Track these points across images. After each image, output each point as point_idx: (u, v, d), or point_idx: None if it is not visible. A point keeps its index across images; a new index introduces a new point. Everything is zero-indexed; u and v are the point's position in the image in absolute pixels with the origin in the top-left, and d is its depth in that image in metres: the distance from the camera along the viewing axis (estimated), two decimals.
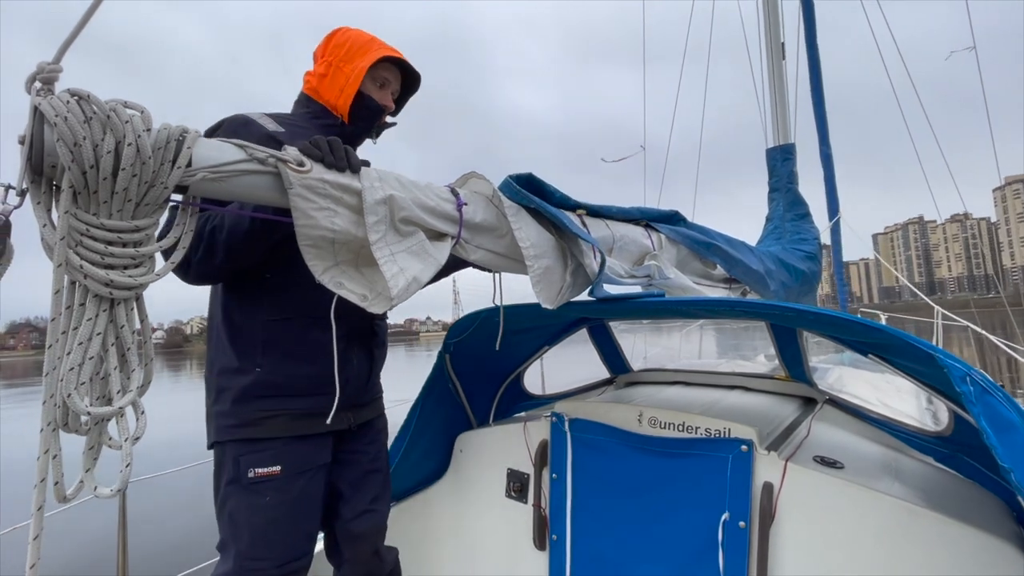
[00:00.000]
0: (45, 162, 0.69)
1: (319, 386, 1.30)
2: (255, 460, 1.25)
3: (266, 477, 1.25)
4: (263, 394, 1.27)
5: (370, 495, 1.48)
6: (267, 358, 1.27)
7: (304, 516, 1.31)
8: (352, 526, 1.43)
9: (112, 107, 0.71)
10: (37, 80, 0.68)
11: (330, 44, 1.43)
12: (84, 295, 0.74)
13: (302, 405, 1.30)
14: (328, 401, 1.29)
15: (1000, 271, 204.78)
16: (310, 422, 1.31)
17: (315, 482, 1.33)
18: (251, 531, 1.24)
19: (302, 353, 1.30)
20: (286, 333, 1.29)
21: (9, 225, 0.68)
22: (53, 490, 0.70)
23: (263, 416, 1.26)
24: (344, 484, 1.44)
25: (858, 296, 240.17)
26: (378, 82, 1.46)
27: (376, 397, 1.55)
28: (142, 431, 0.79)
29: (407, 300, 1.02)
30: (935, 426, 1.68)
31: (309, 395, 1.30)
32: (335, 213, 0.95)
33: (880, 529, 1.24)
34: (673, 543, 1.50)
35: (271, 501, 1.25)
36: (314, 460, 1.32)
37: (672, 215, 1.84)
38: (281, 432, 1.27)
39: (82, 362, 0.72)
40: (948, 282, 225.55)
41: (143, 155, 0.73)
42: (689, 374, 2.48)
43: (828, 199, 3.93)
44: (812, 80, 3.77)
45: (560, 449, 1.74)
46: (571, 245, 1.32)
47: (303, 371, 1.30)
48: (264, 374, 1.27)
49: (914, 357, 1.14)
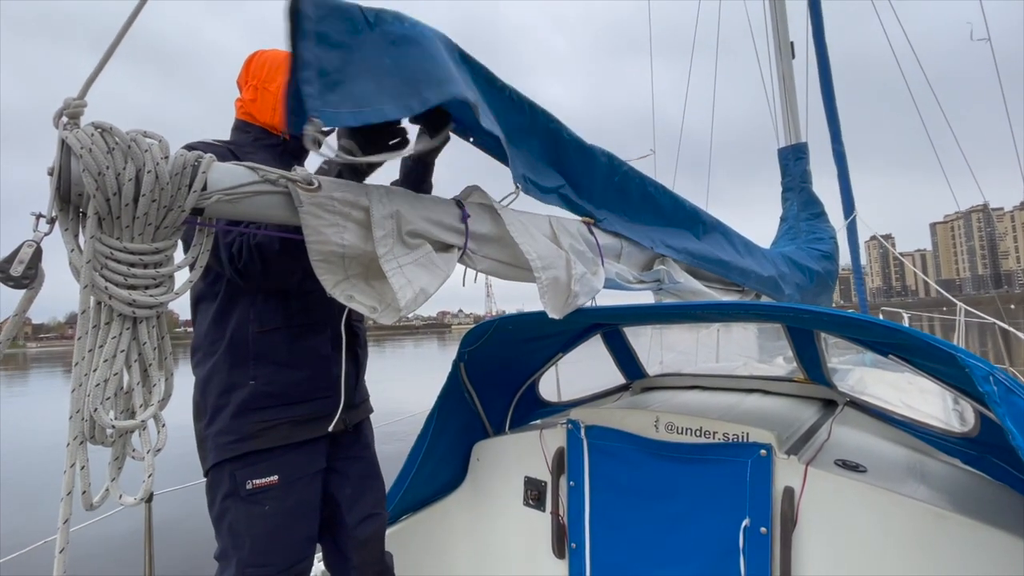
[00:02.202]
0: (72, 191, 0.74)
1: (315, 391, 1.34)
2: (252, 472, 1.26)
3: (264, 487, 1.26)
4: (261, 405, 1.28)
5: (371, 500, 1.50)
6: (260, 370, 1.29)
7: (304, 521, 1.33)
8: (357, 532, 1.44)
9: (132, 137, 0.76)
10: (64, 115, 0.73)
11: (251, 68, 1.46)
12: (109, 314, 0.79)
13: (301, 412, 1.32)
14: (326, 405, 1.33)
15: None
16: (311, 427, 1.33)
17: (312, 487, 1.35)
18: (252, 539, 1.26)
19: (293, 361, 1.32)
20: (275, 343, 1.31)
21: (40, 251, 0.73)
22: (80, 499, 0.74)
23: (264, 427, 1.28)
24: (344, 492, 1.45)
25: (913, 291, 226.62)
26: None
27: (365, 399, 1.57)
28: (163, 443, 0.82)
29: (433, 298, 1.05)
30: (961, 427, 1.63)
31: (306, 401, 1.33)
32: (344, 228, 0.98)
33: (905, 534, 1.21)
34: (693, 550, 1.49)
35: (270, 510, 1.26)
36: (310, 467, 1.35)
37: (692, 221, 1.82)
38: (282, 441, 1.29)
39: (107, 378, 0.76)
40: (1016, 274, 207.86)
41: (162, 181, 0.78)
42: (706, 378, 2.45)
43: (843, 197, 3.86)
44: (822, 78, 3.73)
45: (577, 456, 1.74)
46: (576, 254, 1.33)
47: (296, 378, 1.32)
48: (260, 385, 1.28)
49: (935, 357, 1.12)
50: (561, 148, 1.34)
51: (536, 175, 1.27)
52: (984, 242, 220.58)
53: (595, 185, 1.45)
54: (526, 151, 1.25)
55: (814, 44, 3.72)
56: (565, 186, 1.36)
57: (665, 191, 1.68)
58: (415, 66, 0.91)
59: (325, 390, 1.36)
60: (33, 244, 0.72)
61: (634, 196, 1.58)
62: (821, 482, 1.33)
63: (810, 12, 3.70)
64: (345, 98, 0.81)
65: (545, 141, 1.29)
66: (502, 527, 1.96)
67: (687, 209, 1.79)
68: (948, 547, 1.16)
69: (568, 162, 1.36)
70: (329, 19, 0.81)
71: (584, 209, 1.43)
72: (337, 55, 0.82)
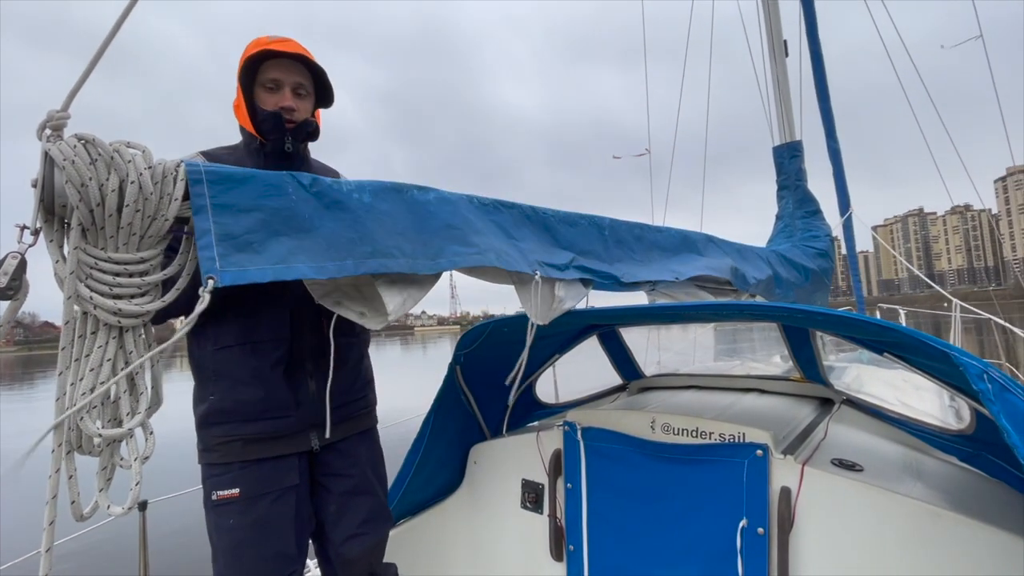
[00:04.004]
0: (56, 202, 0.74)
1: (268, 410, 1.30)
2: (217, 483, 1.28)
3: (227, 500, 1.26)
4: (217, 421, 1.28)
5: (358, 518, 1.43)
6: (217, 385, 1.29)
7: (273, 538, 1.28)
8: (343, 550, 1.41)
9: (116, 148, 0.76)
10: (47, 127, 0.73)
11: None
12: (95, 324, 0.79)
13: (253, 430, 1.29)
14: (282, 424, 1.30)
15: (1001, 263, 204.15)
16: (264, 446, 1.30)
17: (281, 504, 1.30)
18: (223, 553, 1.27)
19: (247, 379, 1.29)
20: (231, 361, 1.29)
21: (25, 263, 0.73)
22: (70, 509, 0.74)
23: (220, 442, 1.28)
24: (328, 508, 1.42)
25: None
26: (267, 87, 1.35)
27: (352, 416, 1.47)
28: (151, 450, 0.82)
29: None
30: (957, 424, 1.63)
31: (259, 419, 1.29)
32: None
33: (902, 533, 1.21)
34: (691, 551, 1.48)
35: (234, 524, 1.26)
36: (276, 483, 1.30)
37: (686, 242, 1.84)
38: (237, 457, 1.28)
39: (94, 387, 0.76)
40: (948, 275, 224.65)
41: (145, 191, 0.78)
42: (702, 378, 2.45)
43: (838, 194, 3.86)
44: (816, 76, 3.73)
45: (574, 458, 1.74)
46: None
47: (249, 396, 1.29)
48: (216, 401, 1.28)
49: (929, 355, 1.12)
50: (562, 229, 1.41)
51: (549, 257, 1.33)
52: (919, 244, 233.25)
53: (595, 248, 1.48)
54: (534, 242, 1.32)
55: (808, 42, 3.72)
56: (576, 258, 1.40)
57: (650, 227, 1.73)
58: (348, 232, 0.95)
59: (283, 409, 1.31)
60: (17, 255, 0.72)
61: (630, 241, 1.62)
62: (818, 482, 1.33)
63: (803, 10, 3.70)
64: (254, 257, 0.85)
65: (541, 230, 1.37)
66: (500, 530, 1.95)
67: (675, 236, 1.84)
68: (945, 545, 1.16)
69: (569, 240, 1.42)
70: (235, 190, 0.86)
71: (600, 272, 1.44)
72: (247, 219, 0.86)
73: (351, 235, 0.94)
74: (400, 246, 0.99)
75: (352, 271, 0.92)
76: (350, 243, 0.93)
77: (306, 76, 1.38)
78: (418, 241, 1.03)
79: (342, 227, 0.93)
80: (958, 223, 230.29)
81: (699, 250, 1.87)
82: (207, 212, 0.82)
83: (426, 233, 1.04)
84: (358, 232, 0.94)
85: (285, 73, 1.35)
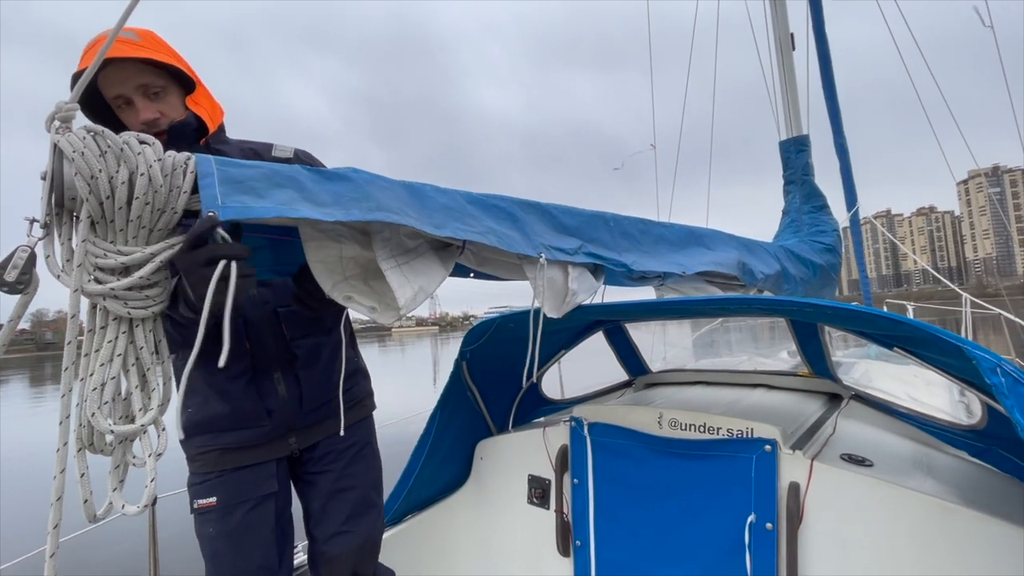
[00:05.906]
0: (65, 195, 0.73)
1: (238, 422, 1.29)
2: (197, 491, 1.29)
3: (206, 508, 1.27)
4: (195, 432, 1.29)
5: (341, 515, 1.39)
6: (193, 399, 1.29)
7: (251, 547, 1.27)
8: (325, 548, 1.38)
9: (125, 140, 0.75)
10: (56, 119, 0.73)
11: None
12: (105, 318, 0.78)
13: (228, 440, 1.29)
14: (255, 434, 1.30)
15: (964, 263, 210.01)
16: (241, 454, 1.30)
17: (259, 513, 1.29)
18: (206, 562, 1.28)
19: (212, 395, 1.29)
20: (196, 378, 1.28)
21: (35, 256, 0.72)
22: (83, 509, 0.74)
23: (199, 452, 1.29)
24: (312, 505, 1.41)
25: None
26: (118, 105, 1.18)
27: (335, 414, 1.36)
28: (164, 447, 0.82)
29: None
30: (968, 419, 1.62)
31: (233, 429, 1.29)
32: (342, 231, 0.98)
33: (913, 528, 1.20)
34: (699, 547, 1.48)
35: (213, 532, 1.26)
36: (253, 491, 1.29)
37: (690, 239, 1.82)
38: (214, 467, 1.28)
39: (104, 382, 0.75)
40: (914, 274, 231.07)
41: (155, 183, 0.77)
42: (709, 373, 2.44)
43: (845, 190, 3.84)
44: (822, 69, 3.70)
45: (580, 454, 1.73)
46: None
47: (218, 410, 1.29)
48: (193, 414, 1.29)
49: (941, 350, 1.11)
50: (567, 218, 1.38)
51: (556, 242, 1.30)
52: (887, 245, 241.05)
53: (602, 237, 1.45)
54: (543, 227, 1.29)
55: (814, 36, 3.69)
56: (584, 245, 1.38)
57: (655, 222, 1.70)
58: (353, 192, 0.93)
59: (253, 419, 1.30)
60: (27, 249, 0.71)
61: (635, 235, 1.58)
62: (827, 477, 1.32)
63: (810, 3, 3.67)
64: (257, 199, 0.82)
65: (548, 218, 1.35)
66: (506, 526, 1.95)
67: (681, 230, 1.80)
68: (956, 540, 1.15)
69: (575, 228, 1.39)
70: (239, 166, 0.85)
71: (610, 259, 1.41)
72: (251, 171, 0.85)
73: (356, 195, 0.92)
74: (405, 210, 0.97)
75: (359, 218, 0.89)
76: (355, 200, 0.91)
77: (148, 70, 1.16)
78: (422, 212, 1.01)
79: (346, 190, 0.92)
80: (923, 224, 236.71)
81: (706, 244, 1.85)
82: (210, 163, 0.81)
83: (427, 210, 1.03)
84: (363, 194, 0.93)
85: (122, 83, 1.14)
